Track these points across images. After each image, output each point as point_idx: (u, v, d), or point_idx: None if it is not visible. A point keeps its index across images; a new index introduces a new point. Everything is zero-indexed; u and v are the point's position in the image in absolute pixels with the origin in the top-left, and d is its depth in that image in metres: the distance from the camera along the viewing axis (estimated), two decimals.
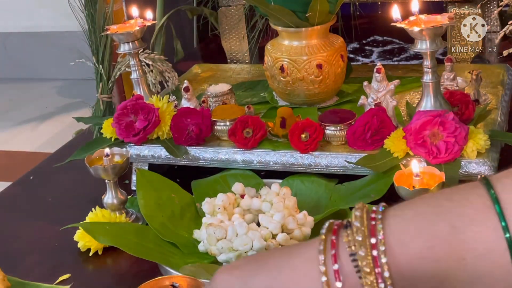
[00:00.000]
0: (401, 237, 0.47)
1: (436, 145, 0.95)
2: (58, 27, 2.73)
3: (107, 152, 1.04)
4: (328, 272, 0.48)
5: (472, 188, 0.48)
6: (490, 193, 0.46)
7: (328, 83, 1.16)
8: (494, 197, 0.46)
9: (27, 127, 2.49)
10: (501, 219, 0.45)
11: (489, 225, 0.45)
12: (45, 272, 0.99)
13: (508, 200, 0.45)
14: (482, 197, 0.46)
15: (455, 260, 0.45)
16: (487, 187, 0.46)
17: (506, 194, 0.46)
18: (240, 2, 1.48)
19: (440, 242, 0.46)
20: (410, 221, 0.47)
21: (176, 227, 0.99)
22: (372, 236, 0.47)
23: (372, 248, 0.46)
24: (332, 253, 0.48)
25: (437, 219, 0.46)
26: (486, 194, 0.46)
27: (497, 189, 0.46)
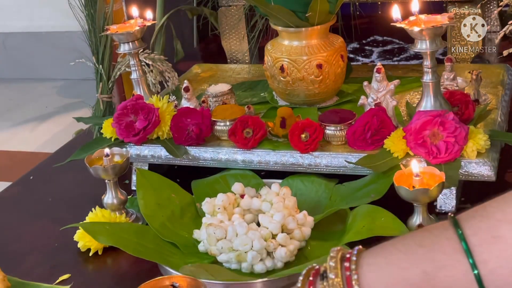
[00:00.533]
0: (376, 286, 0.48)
1: (436, 145, 0.95)
2: (58, 27, 2.72)
3: (107, 152, 1.04)
4: None
5: (441, 231, 0.49)
6: (458, 233, 0.47)
7: (328, 83, 1.16)
8: (461, 236, 0.47)
9: (27, 127, 2.49)
10: (468, 256, 0.46)
11: (460, 268, 0.47)
12: (45, 272, 0.99)
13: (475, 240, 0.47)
14: (451, 240, 0.48)
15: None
16: (455, 228, 0.48)
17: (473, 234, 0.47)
18: (240, 2, 1.48)
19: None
20: (384, 270, 0.49)
21: (176, 227, 0.99)
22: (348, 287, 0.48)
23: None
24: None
25: (409, 266, 0.48)
26: (455, 236, 0.48)
27: (464, 229, 0.48)
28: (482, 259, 0.46)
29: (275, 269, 0.89)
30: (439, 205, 0.99)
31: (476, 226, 0.47)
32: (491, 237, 0.47)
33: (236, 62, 1.53)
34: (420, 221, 0.90)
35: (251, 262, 0.88)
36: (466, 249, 0.47)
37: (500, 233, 0.46)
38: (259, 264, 0.88)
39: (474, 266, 0.46)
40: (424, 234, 0.50)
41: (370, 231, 0.88)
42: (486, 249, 0.46)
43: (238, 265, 0.90)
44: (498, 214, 0.47)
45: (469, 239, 0.47)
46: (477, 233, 0.47)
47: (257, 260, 0.88)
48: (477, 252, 0.46)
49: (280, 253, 0.88)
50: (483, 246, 0.46)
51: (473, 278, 0.46)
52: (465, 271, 0.46)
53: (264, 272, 0.89)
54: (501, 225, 0.47)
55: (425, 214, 0.90)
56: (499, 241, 0.46)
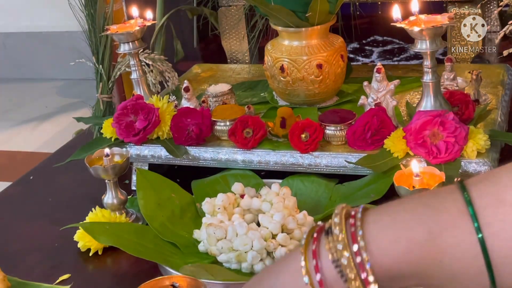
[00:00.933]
0: (381, 243, 0.49)
1: (436, 145, 0.95)
2: (58, 27, 2.72)
3: (107, 152, 1.04)
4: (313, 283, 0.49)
5: (448, 193, 0.49)
6: (464, 196, 0.48)
7: (328, 83, 1.16)
8: (468, 200, 0.48)
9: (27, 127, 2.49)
10: (473, 220, 0.47)
11: (464, 229, 0.47)
12: (45, 272, 0.99)
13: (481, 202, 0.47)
14: (457, 202, 0.48)
15: (432, 262, 0.48)
16: (462, 191, 0.48)
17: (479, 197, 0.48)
18: (240, 2, 1.48)
19: (418, 247, 0.48)
20: (388, 228, 0.49)
21: (176, 227, 0.99)
22: (353, 242, 0.49)
23: (355, 255, 0.48)
24: (314, 264, 0.50)
25: (414, 225, 0.48)
26: (461, 198, 0.48)
27: (471, 192, 0.48)
28: (486, 222, 0.47)
29: None
30: None
31: (482, 190, 0.48)
32: (497, 200, 0.47)
33: (236, 62, 1.52)
34: None
35: (251, 262, 0.88)
36: (471, 211, 0.47)
37: (506, 197, 0.47)
38: (259, 264, 0.88)
39: (478, 229, 0.47)
40: (431, 195, 0.51)
41: None
42: (491, 212, 0.47)
43: (238, 265, 0.90)
44: (506, 179, 0.48)
45: (475, 201, 0.47)
46: (483, 197, 0.48)
47: (257, 260, 0.88)
48: (482, 214, 0.47)
49: (280, 253, 0.88)
50: (488, 209, 0.47)
51: (477, 240, 0.47)
52: (469, 232, 0.47)
53: None
54: (507, 189, 0.47)
55: None
56: (505, 204, 0.47)
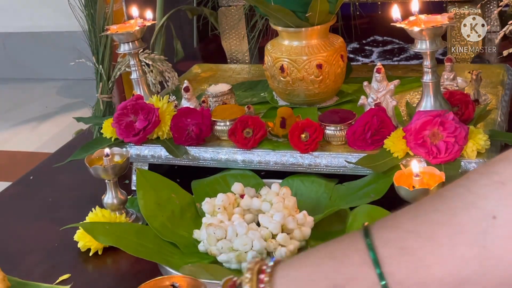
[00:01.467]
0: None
1: (436, 145, 0.95)
2: (58, 27, 2.73)
3: (107, 152, 1.04)
4: None
5: (352, 241, 0.49)
6: (367, 244, 0.48)
7: (328, 83, 1.16)
8: (370, 247, 0.47)
9: (27, 127, 2.49)
10: (376, 267, 0.46)
11: (368, 281, 0.47)
12: (45, 272, 0.99)
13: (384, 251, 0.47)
14: (360, 251, 0.48)
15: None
16: (365, 238, 0.48)
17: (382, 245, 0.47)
18: (240, 2, 1.48)
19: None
20: (294, 282, 0.49)
21: (176, 227, 0.99)
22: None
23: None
24: None
25: (319, 279, 0.48)
26: (364, 248, 0.48)
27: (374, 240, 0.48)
28: (390, 271, 0.46)
29: None
30: None
31: (385, 237, 0.48)
32: (400, 248, 0.47)
33: (236, 62, 1.52)
34: None
35: None
36: (374, 260, 0.47)
37: (408, 244, 0.46)
38: None
39: (381, 277, 0.46)
40: (335, 245, 0.50)
41: None
42: (394, 260, 0.46)
43: (238, 265, 0.90)
44: (408, 225, 0.48)
45: (378, 250, 0.47)
46: (386, 244, 0.47)
47: None
48: (385, 263, 0.46)
49: (280, 253, 0.88)
50: (391, 258, 0.47)
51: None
52: (373, 282, 0.46)
53: None
54: (409, 236, 0.47)
55: None
56: (407, 252, 0.46)
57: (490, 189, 0.46)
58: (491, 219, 0.45)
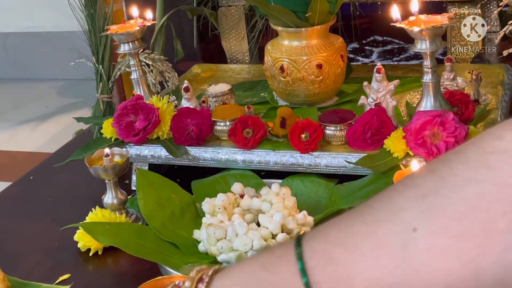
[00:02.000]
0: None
1: (436, 145, 0.95)
2: (58, 27, 2.73)
3: (107, 152, 1.04)
4: None
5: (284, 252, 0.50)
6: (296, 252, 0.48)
7: (328, 83, 1.16)
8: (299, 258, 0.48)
9: (27, 127, 2.49)
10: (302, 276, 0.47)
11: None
12: (45, 272, 0.99)
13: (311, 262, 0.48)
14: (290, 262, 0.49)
15: None
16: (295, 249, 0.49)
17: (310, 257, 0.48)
18: (240, 2, 1.48)
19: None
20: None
21: (176, 227, 0.99)
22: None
23: None
24: None
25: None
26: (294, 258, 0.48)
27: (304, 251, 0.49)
28: (316, 281, 0.47)
29: None
30: None
31: (313, 248, 0.49)
32: (326, 259, 0.48)
33: (236, 62, 1.52)
34: None
35: None
36: (301, 269, 0.48)
37: (334, 255, 0.47)
38: None
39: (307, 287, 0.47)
40: (268, 255, 0.51)
41: None
42: (321, 271, 0.47)
43: None
44: (335, 237, 0.48)
45: (306, 260, 0.48)
46: (313, 255, 0.48)
47: None
48: (312, 273, 0.47)
49: None
50: (318, 268, 0.48)
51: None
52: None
53: None
54: (336, 247, 0.48)
55: None
56: (332, 263, 0.47)
57: (412, 201, 0.47)
58: (412, 232, 0.46)
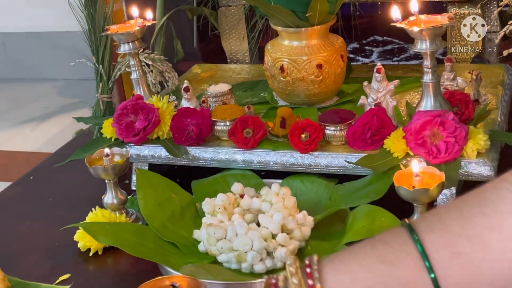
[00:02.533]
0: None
1: (436, 145, 0.95)
2: (58, 27, 2.72)
3: (107, 152, 1.04)
4: None
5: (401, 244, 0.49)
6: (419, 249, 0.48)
7: (328, 83, 1.16)
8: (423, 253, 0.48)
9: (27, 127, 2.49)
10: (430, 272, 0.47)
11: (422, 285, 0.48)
12: (45, 272, 0.99)
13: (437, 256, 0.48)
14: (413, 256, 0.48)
15: None
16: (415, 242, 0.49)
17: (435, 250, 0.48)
18: (240, 2, 1.48)
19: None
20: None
21: (176, 227, 0.99)
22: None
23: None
24: None
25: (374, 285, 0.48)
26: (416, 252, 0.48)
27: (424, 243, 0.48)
28: (443, 275, 0.47)
29: (275, 269, 0.89)
30: (439, 205, 0.98)
31: (436, 241, 0.48)
32: (452, 253, 0.47)
33: (236, 62, 1.53)
34: None
35: (251, 262, 0.88)
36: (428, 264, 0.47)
37: (460, 249, 0.47)
38: (259, 264, 0.88)
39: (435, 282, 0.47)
40: (384, 247, 0.50)
41: (370, 232, 0.87)
42: (447, 265, 0.47)
43: (238, 265, 0.90)
44: (457, 228, 0.48)
45: (431, 255, 0.48)
46: (438, 249, 0.48)
47: (257, 260, 0.88)
48: (438, 268, 0.47)
49: (280, 253, 0.88)
50: (444, 262, 0.47)
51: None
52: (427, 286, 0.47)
53: (264, 272, 0.89)
54: (460, 240, 0.48)
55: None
56: (459, 257, 0.47)
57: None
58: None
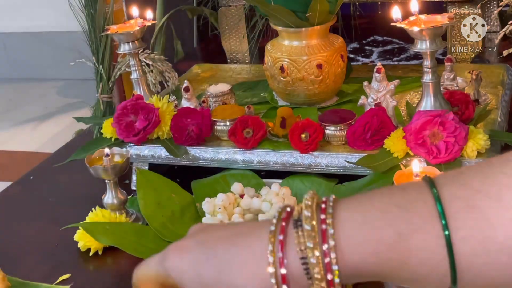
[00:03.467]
0: (351, 243, 0.49)
1: (436, 145, 0.95)
2: (58, 27, 2.73)
3: (107, 152, 1.04)
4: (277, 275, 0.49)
5: (419, 193, 0.49)
6: (435, 198, 0.48)
7: (328, 83, 1.16)
8: (438, 202, 0.48)
9: (27, 127, 2.49)
10: (441, 218, 0.47)
11: (433, 234, 0.47)
12: (45, 272, 0.99)
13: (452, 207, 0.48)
14: (427, 204, 0.48)
15: (398, 264, 0.48)
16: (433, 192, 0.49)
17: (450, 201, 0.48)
18: (240, 2, 1.48)
19: (386, 248, 0.48)
20: (359, 228, 0.49)
21: (176, 227, 0.99)
22: (323, 242, 0.48)
23: (324, 255, 0.48)
24: (279, 256, 0.49)
25: (384, 226, 0.48)
26: (431, 201, 0.48)
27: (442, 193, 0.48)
28: (455, 226, 0.47)
29: None
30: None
31: (453, 194, 0.48)
32: (467, 206, 0.47)
33: (236, 62, 1.53)
34: None
35: None
36: (441, 212, 0.47)
37: (476, 203, 0.47)
38: None
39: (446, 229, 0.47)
40: (401, 193, 0.50)
41: None
42: (461, 217, 0.47)
43: None
44: (476, 184, 0.48)
45: (446, 204, 0.48)
46: (453, 200, 0.48)
47: None
48: (452, 218, 0.47)
49: None
50: (459, 214, 0.47)
51: (445, 244, 0.47)
52: (438, 236, 0.47)
53: None
54: (477, 195, 0.47)
55: None
56: (474, 210, 0.47)
57: None
58: None
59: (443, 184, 0.49)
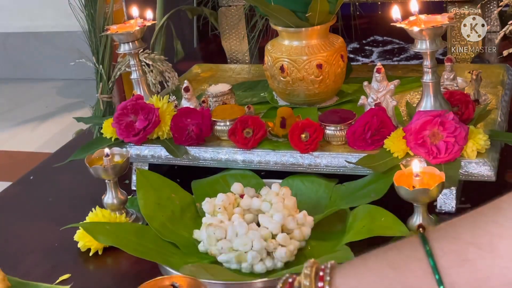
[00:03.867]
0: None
1: (436, 145, 0.95)
2: (58, 27, 2.73)
3: (107, 152, 1.04)
4: None
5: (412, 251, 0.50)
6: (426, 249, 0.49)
7: (328, 83, 1.16)
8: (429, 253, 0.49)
9: (27, 127, 2.49)
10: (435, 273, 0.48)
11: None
12: (45, 272, 0.99)
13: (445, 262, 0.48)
14: (421, 262, 0.49)
15: None
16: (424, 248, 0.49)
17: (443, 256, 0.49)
18: (240, 2, 1.48)
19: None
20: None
21: (176, 227, 0.99)
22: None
23: None
24: None
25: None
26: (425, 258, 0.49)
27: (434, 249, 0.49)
28: (449, 281, 0.48)
29: (275, 269, 0.89)
30: (439, 205, 0.99)
31: (446, 248, 0.49)
32: (460, 260, 0.48)
33: (236, 62, 1.53)
34: (420, 221, 0.90)
35: (251, 262, 0.88)
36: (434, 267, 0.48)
37: (469, 256, 0.48)
38: (259, 264, 0.88)
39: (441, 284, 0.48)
40: (395, 253, 0.51)
41: (370, 231, 0.88)
42: (455, 272, 0.48)
43: (238, 265, 0.90)
44: (467, 236, 0.49)
45: (438, 260, 0.48)
46: (447, 255, 0.48)
47: (257, 260, 0.88)
48: (445, 273, 0.48)
49: (280, 253, 0.88)
50: (452, 268, 0.48)
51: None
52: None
53: (264, 272, 0.89)
54: (470, 248, 0.48)
55: (425, 214, 0.90)
56: (468, 264, 0.48)
57: None
58: None
59: (435, 239, 0.49)
